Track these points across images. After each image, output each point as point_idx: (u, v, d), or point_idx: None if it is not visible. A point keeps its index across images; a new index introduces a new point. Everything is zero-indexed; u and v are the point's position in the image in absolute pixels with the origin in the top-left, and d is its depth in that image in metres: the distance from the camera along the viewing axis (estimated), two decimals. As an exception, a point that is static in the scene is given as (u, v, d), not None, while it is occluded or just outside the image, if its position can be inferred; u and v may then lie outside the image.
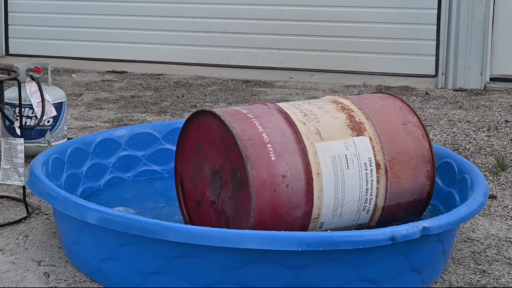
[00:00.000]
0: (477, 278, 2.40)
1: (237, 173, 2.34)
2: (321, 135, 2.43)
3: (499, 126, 4.31)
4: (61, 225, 2.50)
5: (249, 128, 2.37)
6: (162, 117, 4.62)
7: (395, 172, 2.48)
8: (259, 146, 2.33)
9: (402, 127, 2.56)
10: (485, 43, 5.62)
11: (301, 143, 2.38)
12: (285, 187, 2.32)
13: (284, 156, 2.35)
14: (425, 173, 2.54)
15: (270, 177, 2.30)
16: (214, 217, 2.47)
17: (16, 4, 7.21)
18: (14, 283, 2.31)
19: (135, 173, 3.16)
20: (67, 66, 6.65)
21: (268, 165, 2.31)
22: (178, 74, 6.30)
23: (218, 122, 2.41)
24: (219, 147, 2.42)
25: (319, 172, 2.37)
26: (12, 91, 3.52)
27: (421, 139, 2.57)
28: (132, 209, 2.79)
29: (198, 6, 6.66)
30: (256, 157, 2.30)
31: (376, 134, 2.49)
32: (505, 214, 2.97)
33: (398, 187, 2.49)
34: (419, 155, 2.54)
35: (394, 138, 2.52)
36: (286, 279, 2.09)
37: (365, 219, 2.49)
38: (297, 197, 2.34)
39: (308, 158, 2.37)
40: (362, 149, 2.45)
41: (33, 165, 2.62)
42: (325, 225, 2.42)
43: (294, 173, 2.34)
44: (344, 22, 6.30)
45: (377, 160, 2.46)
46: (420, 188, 2.55)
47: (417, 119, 2.62)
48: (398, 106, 2.64)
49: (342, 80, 6.00)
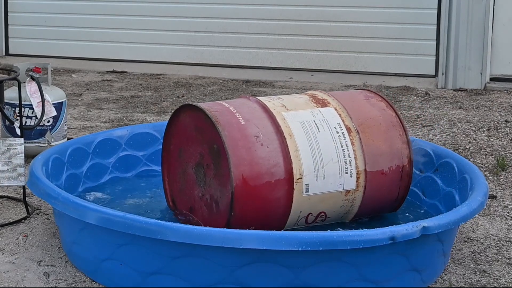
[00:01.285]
0: (477, 278, 2.40)
1: (214, 146, 2.41)
2: (286, 107, 2.54)
3: (499, 126, 4.31)
4: (61, 225, 2.50)
5: (217, 106, 2.53)
6: (162, 117, 4.62)
7: (367, 135, 2.54)
8: (228, 114, 2.46)
9: (365, 101, 2.67)
10: (485, 43, 5.62)
11: (268, 112, 2.50)
12: (260, 145, 2.40)
13: (253, 121, 2.45)
14: (398, 136, 2.59)
15: (243, 136, 2.39)
16: (206, 209, 2.50)
17: (16, 4, 7.21)
18: (14, 283, 2.31)
19: (135, 173, 3.17)
20: (67, 66, 6.65)
21: (239, 128, 2.41)
22: (178, 74, 6.30)
23: (189, 112, 2.54)
24: (195, 137, 2.52)
25: (291, 134, 2.45)
26: (12, 91, 3.52)
27: (386, 109, 2.65)
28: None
29: (198, 6, 6.66)
30: (226, 122, 2.41)
31: (340, 105, 2.60)
32: (505, 214, 2.97)
33: (375, 149, 2.53)
34: (387, 121, 2.61)
35: (359, 108, 2.61)
36: (286, 279, 2.09)
37: (351, 184, 2.51)
38: (274, 155, 2.40)
39: (277, 122, 2.46)
40: (329, 116, 2.55)
41: (33, 165, 2.63)
42: (311, 188, 2.44)
43: (266, 134, 2.43)
44: (344, 22, 6.30)
45: (346, 124, 2.54)
46: (398, 152, 2.58)
47: (380, 96, 2.71)
48: (359, 91, 2.77)
49: (342, 80, 6.00)
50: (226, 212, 2.37)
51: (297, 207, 2.44)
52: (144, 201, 2.89)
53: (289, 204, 2.42)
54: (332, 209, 2.52)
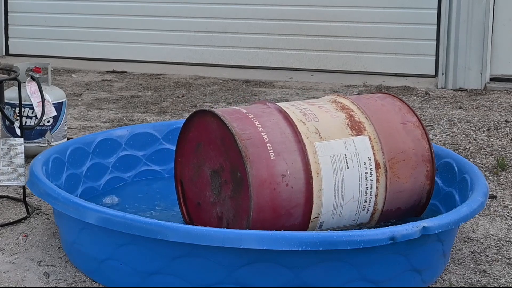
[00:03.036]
0: (477, 278, 2.40)
1: (237, 173, 2.34)
2: (320, 134, 2.43)
3: (499, 126, 4.31)
4: (61, 225, 2.50)
5: (249, 127, 2.37)
6: (162, 117, 4.62)
7: (394, 171, 2.48)
8: (259, 145, 2.33)
9: (401, 126, 2.56)
10: (485, 43, 5.62)
11: (301, 143, 2.38)
12: (285, 186, 2.32)
13: (283, 155, 2.35)
14: (424, 173, 2.54)
15: (269, 176, 2.30)
16: (215, 217, 2.47)
17: (16, 4, 7.22)
18: (14, 283, 2.31)
19: (135, 173, 3.16)
20: (67, 66, 6.65)
21: (268, 164, 2.31)
22: (178, 74, 6.30)
23: (218, 121, 2.41)
24: (219, 147, 2.42)
25: (318, 172, 2.37)
26: (12, 91, 3.52)
27: (421, 139, 2.56)
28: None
29: (198, 6, 6.66)
30: (255, 156, 2.30)
31: (375, 133, 2.49)
32: (505, 214, 2.97)
33: (398, 186, 2.49)
34: (418, 154, 2.53)
35: (394, 138, 2.51)
36: (286, 279, 2.09)
37: (365, 219, 2.49)
38: (296, 196, 2.34)
39: (307, 157, 2.37)
40: (362, 148, 2.45)
41: (33, 165, 2.62)
42: (325, 224, 2.42)
43: (293, 172, 2.34)
44: (344, 22, 6.30)
45: (377, 159, 2.46)
46: (419, 188, 2.54)
47: (417, 118, 2.61)
48: (397, 106, 2.64)
49: (342, 80, 6.00)
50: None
51: None
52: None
53: None
54: None
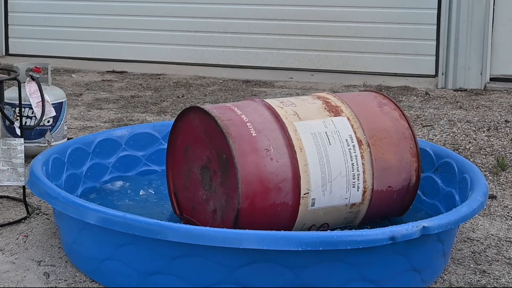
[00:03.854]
0: (477, 278, 2.40)
1: (223, 155, 2.38)
2: (299, 116, 2.49)
3: (499, 126, 4.31)
4: (61, 225, 2.50)
5: (228, 112, 2.46)
6: (162, 117, 4.62)
7: (377, 148, 2.50)
8: (239, 124, 2.40)
9: (378, 109, 2.62)
10: (485, 43, 5.62)
11: (280, 121, 2.45)
12: (270, 160, 2.36)
13: (264, 132, 2.40)
14: (408, 150, 2.56)
15: (253, 150, 2.35)
16: (209, 213, 2.49)
17: (16, 4, 7.22)
18: (14, 283, 2.31)
19: (135, 173, 3.16)
20: (67, 66, 6.65)
21: (250, 140, 2.37)
22: (178, 74, 6.30)
23: (200, 115, 2.49)
24: (204, 141, 2.48)
25: (301, 147, 2.41)
26: (12, 91, 3.52)
27: (399, 119, 2.61)
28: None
29: (198, 6, 6.66)
30: (237, 133, 2.36)
31: (353, 114, 2.54)
32: (505, 214, 2.97)
33: (384, 163, 2.51)
34: (399, 132, 2.57)
35: (372, 118, 2.56)
36: (286, 279, 2.09)
37: (357, 198, 2.49)
38: (282, 170, 2.36)
39: (288, 134, 2.42)
40: (341, 127, 2.50)
41: (33, 165, 2.62)
42: (317, 202, 2.42)
43: (276, 147, 2.38)
44: (344, 22, 6.30)
45: (358, 136, 2.50)
46: (406, 165, 2.55)
47: (393, 103, 2.67)
48: (372, 95, 2.71)
49: (342, 80, 6.00)
50: (230, 223, 2.36)
51: (301, 220, 2.43)
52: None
53: (294, 219, 2.40)
54: (335, 221, 2.51)
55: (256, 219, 2.34)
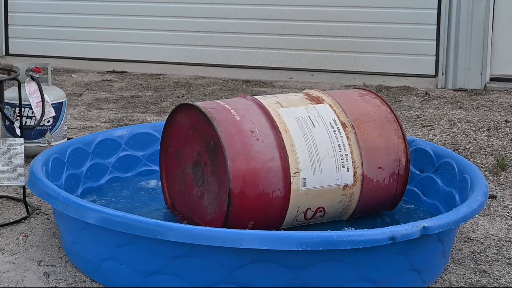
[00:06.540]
0: (477, 278, 2.40)
1: (210, 142, 2.42)
2: (281, 104, 2.57)
3: (499, 126, 4.31)
4: (61, 225, 2.50)
5: (212, 104, 2.54)
6: (162, 117, 4.62)
7: (362, 130, 2.55)
8: (223, 111, 2.48)
9: (359, 98, 2.69)
10: (485, 43, 5.62)
11: (263, 108, 2.52)
12: (256, 140, 2.41)
13: (248, 117, 2.47)
14: (393, 131, 2.60)
15: (238, 132, 2.41)
16: (205, 208, 2.50)
17: (16, 4, 7.22)
18: (14, 283, 2.31)
19: (135, 173, 3.16)
20: (67, 66, 6.66)
21: (235, 123, 2.43)
22: (178, 74, 6.30)
23: (185, 112, 2.56)
24: (192, 136, 2.53)
25: (286, 129, 2.47)
26: (12, 91, 3.52)
27: (380, 105, 2.66)
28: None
29: (198, 6, 6.66)
30: (221, 118, 2.43)
31: (335, 101, 2.61)
32: (505, 214, 2.97)
33: (371, 143, 2.54)
34: (382, 116, 2.62)
35: (353, 105, 2.63)
36: (286, 279, 2.09)
37: (349, 179, 2.51)
38: (269, 149, 2.41)
39: (272, 118, 2.49)
40: (324, 112, 2.57)
41: (33, 165, 2.63)
42: (308, 182, 2.45)
43: (261, 129, 2.44)
44: (344, 22, 6.30)
45: (341, 120, 2.55)
46: (394, 146, 2.58)
47: (374, 94, 2.72)
48: (353, 89, 2.80)
49: (342, 80, 6.00)
50: (224, 207, 2.37)
51: (295, 202, 2.45)
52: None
53: (287, 199, 2.43)
54: (331, 204, 2.53)
55: (248, 202, 2.37)
